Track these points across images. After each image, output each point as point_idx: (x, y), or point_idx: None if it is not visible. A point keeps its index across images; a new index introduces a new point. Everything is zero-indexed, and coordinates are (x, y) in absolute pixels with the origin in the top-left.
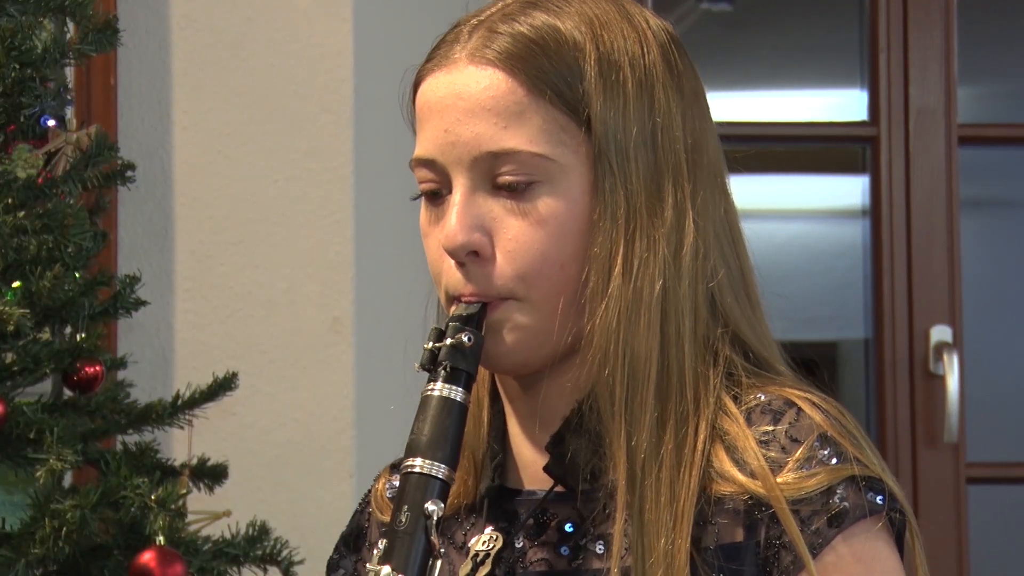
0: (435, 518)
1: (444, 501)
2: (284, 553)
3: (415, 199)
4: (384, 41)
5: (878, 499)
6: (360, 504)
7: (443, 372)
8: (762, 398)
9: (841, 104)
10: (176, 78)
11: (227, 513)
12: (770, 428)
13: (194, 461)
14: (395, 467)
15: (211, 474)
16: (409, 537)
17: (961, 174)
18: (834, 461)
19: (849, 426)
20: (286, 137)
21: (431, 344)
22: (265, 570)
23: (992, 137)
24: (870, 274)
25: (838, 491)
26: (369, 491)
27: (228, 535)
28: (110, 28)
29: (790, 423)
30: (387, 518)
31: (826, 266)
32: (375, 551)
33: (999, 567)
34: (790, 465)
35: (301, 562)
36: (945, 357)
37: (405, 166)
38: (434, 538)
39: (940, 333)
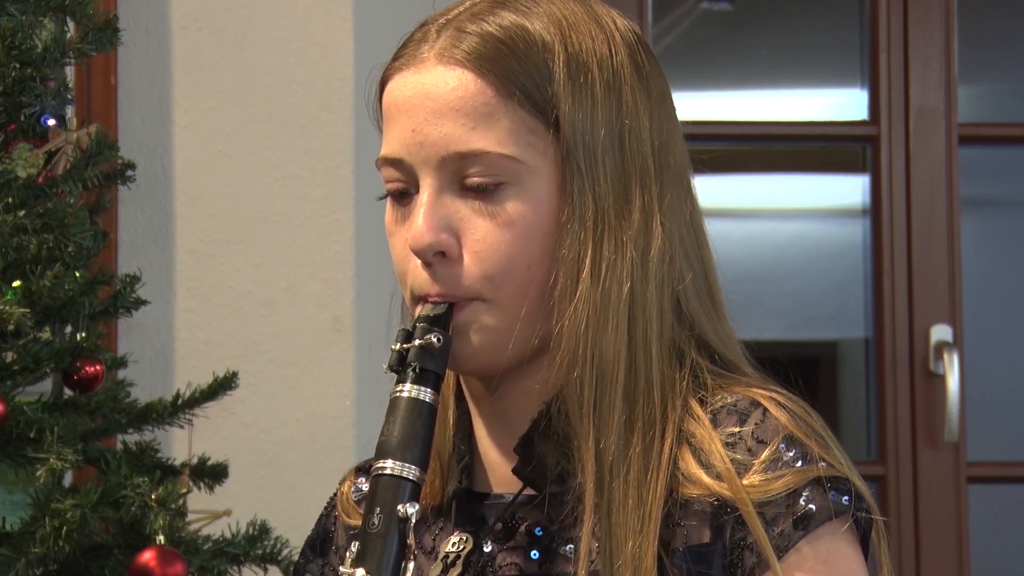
0: (412, 520)
1: (416, 502)
2: (284, 552)
3: (381, 199)
4: (384, 41)
5: (844, 500)
6: (325, 508)
7: (412, 373)
8: (728, 399)
9: (841, 103)
10: (176, 77)
11: (227, 512)
12: (736, 429)
13: (194, 460)
14: (360, 469)
15: (211, 473)
16: (382, 539)
17: (961, 174)
18: (799, 463)
19: (815, 425)
20: (286, 136)
21: (399, 345)
22: (265, 569)
23: (992, 137)
24: (870, 273)
25: (804, 493)
26: (334, 495)
27: (228, 534)
28: (110, 27)
29: (756, 424)
30: (354, 521)
31: (826, 266)
32: (348, 554)
33: (999, 567)
34: (756, 467)
35: None
36: (945, 356)
37: None
38: (410, 540)
39: (940, 332)
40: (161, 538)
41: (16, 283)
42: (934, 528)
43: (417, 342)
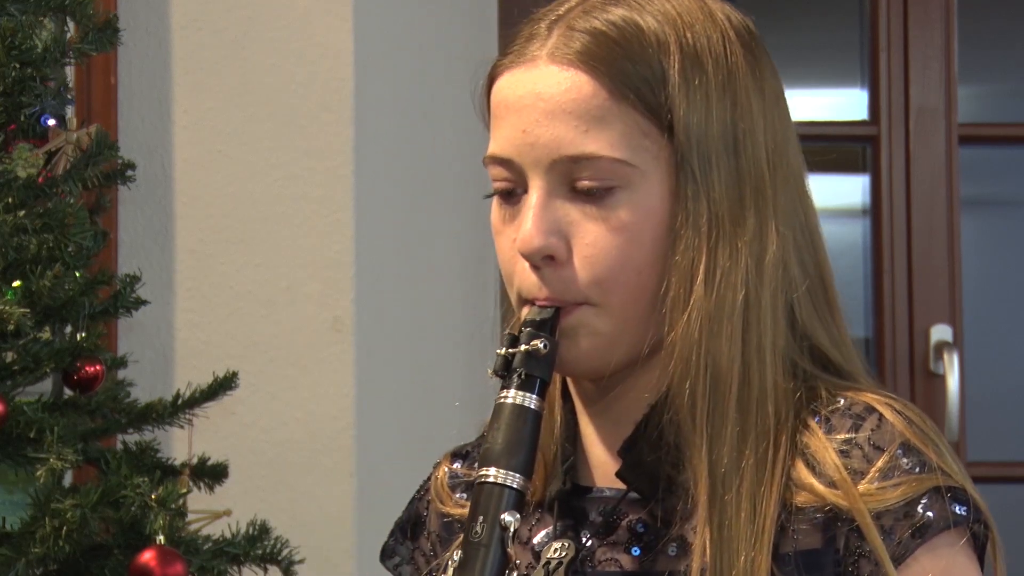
0: (511, 530)
1: (520, 511)
2: (284, 552)
3: (488, 197)
4: (384, 41)
5: (962, 510)
6: (418, 492)
7: (517, 379)
8: (841, 403)
9: (841, 103)
10: (176, 78)
11: (227, 512)
12: (851, 436)
13: (194, 460)
14: (456, 455)
15: (211, 473)
16: (485, 549)
17: (961, 174)
18: (917, 471)
19: (931, 433)
20: (286, 136)
21: (505, 350)
22: (265, 569)
23: (992, 137)
24: (870, 273)
25: (922, 502)
26: (428, 479)
27: (228, 534)
28: (110, 27)
29: (872, 430)
30: (448, 508)
31: None
32: (450, 562)
33: None
34: (872, 474)
35: (301, 561)
36: (945, 356)
37: (405, 165)
38: (510, 550)
39: (940, 332)
40: (161, 538)
41: (16, 283)
42: None
43: (523, 347)
